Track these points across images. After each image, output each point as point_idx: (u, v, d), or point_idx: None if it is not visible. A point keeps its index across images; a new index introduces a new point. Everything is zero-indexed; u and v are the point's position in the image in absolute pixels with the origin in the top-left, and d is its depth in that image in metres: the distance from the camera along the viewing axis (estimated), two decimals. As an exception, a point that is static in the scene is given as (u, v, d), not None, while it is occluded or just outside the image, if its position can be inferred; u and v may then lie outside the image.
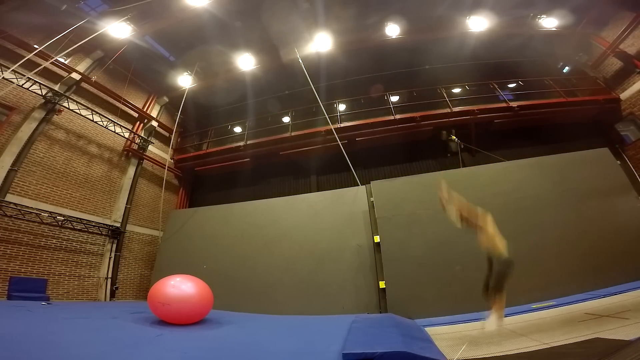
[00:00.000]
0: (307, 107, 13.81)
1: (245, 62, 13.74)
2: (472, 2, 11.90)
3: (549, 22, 12.53)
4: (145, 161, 13.36)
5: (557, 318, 5.23)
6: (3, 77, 8.64)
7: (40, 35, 9.99)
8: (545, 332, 4.41)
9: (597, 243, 7.49)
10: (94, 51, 12.01)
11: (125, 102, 12.86)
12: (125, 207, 11.87)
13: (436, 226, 8.45)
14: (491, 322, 3.88)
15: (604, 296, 6.10)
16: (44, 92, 9.79)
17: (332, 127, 11.63)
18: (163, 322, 5.16)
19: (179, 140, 15.92)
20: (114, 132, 12.00)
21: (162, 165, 13.54)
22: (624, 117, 11.47)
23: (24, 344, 3.46)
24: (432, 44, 13.23)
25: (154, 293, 5.26)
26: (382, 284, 8.27)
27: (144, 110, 13.91)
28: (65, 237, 9.73)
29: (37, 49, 9.37)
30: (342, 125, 12.81)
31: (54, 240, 9.43)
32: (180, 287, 5.33)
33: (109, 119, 11.73)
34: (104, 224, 10.85)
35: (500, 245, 4.13)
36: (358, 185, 10.44)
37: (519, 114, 12.03)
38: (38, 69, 9.31)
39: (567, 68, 14.24)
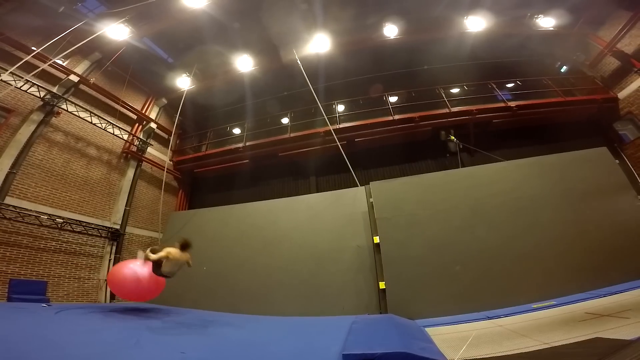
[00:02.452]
0: (306, 108, 13.82)
1: (244, 63, 13.73)
2: (470, 2, 11.92)
3: (547, 22, 12.57)
4: (144, 163, 13.33)
5: (557, 318, 5.23)
6: (1, 79, 8.62)
7: (38, 37, 9.95)
8: (546, 332, 4.40)
9: (597, 242, 7.51)
10: (92, 53, 11.97)
11: (124, 104, 12.83)
12: (125, 209, 11.84)
13: (436, 226, 8.47)
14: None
15: (604, 296, 6.10)
16: (42, 94, 9.76)
17: (331, 128, 11.63)
18: (163, 323, 5.15)
19: (177, 142, 15.90)
20: (113, 134, 11.98)
21: (161, 167, 13.52)
22: (622, 116, 11.50)
23: (24, 345, 3.45)
24: (430, 44, 13.25)
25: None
26: (382, 285, 8.27)
27: (143, 112, 13.89)
28: (65, 240, 9.70)
29: (35, 50, 9.34)
30: (341, 126, 12.82)
31: (54, 242, 9.40)
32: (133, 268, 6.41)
33: (108, 121, 11.71)
34: (103, 226, 10.83)
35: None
36: (357, 186, 10.44)
37: (518, 114, 12.06)
38: (36, 71, 9.28)
39: (565, 67, 14.27)
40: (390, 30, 12.85)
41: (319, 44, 12.81)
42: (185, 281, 10.63)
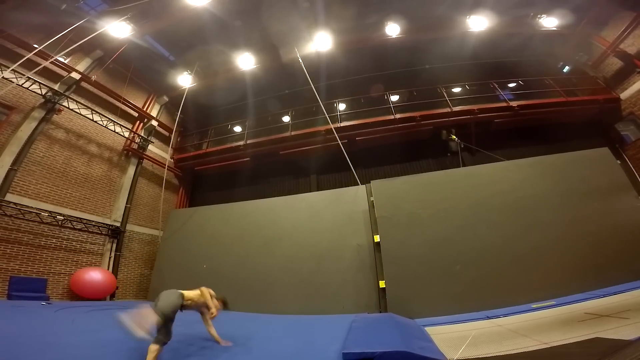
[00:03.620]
0: (307, 107, 13.81)
1: (245, 61, 13.73)
2: (472, 1, 11.89)
3: (549, 22, 12.52)
4: (145, 161, 13.35)
5: (557, 318, 5.23)
6: (3, 77, 8.63)
7: (40, 35, 9.96)
8: (545, 332, 4.40)
9: (597, 243, 7.49)
10: (94, 50, 12.00)
11: (125, 102, 12.85)
12: (125, 206, 11.87)
13: (436, 225, 8.46)
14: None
15: (604, 296, 6.09)
16: (43, 91, 9.78)
17: (332, 126, 11.62)
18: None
19: (178, 139, 15.93)
20: (114, 131, 12.00)
21: (162, 164, 13.53)
22: (624, 116, 11.46)
23: (23, 344, 3.46)
24: (432, 43, 13.21)
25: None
26: (382, 284, 8.27)
27: (144, 109, 13.90)
28: (65, 237, 9.73)
29: (36, 48, 9.35)
30: (342, 124, 12.81)
31: (54, 239, 9.43)
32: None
33: (109, 119, 11.73)
34: (104, 224, 10.85)
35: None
36: (358, 184, 10.44)
37: (519, 114, 12.03)
38: (38, 69, 9.29)
39: (567, 67, 14.23)
40: (392, 29, 12.82)
41: (320, 43, 12.79)
42: (185, 280, 10.68)
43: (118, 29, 11.06)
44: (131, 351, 3.66)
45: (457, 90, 13.48)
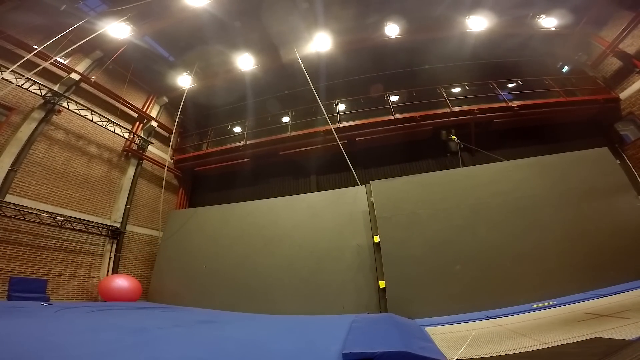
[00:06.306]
0: (306, 107, 13.81)
1: (245, 62, 13.74)
2: (472, 1, 11.90)
3: (549, 22, 12.54)
4: (144, 161, 13.35)
5: (556, 318, 5.23)
6: (2, 78, 8.63)
7: (40, 36, 9.98)
8: (545, 331, 4.40)
9: (597, 243, 7.49)
10: (94, 51, 12.00)
11: (125, 102, 12.85)
12: (125, 207, 11.86)
13: (436, 226, 8.46)
14: None
15: (604, 296, 6.09)
16: (43, 92, 9.78)
17: (331, 127, 11.63)
18: (162, 322, 5.16)
19: (178, 140, 15.93)
20: (114, 132, 12.00)
21: (161, 165, 13.54)
22: (623, 116, 11.47)
23: (23, 344, 3.46)
24: (431, 43, 13.23)
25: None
26: (382, 284, 8.27)
27: (144, 110, 13.90)
28: (65, 238, 9.73)
29: (36, 49, 9.36)
30: (341, 125, 12.81)
31: (54, 240, 9.42)
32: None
33: (109, 119, 11.73)
34: (103, 224, 10.85)
35: None
36: (358, 185, 10.44)
37: (519, 114, 12.04)
38: (37, 69, 9.30)
39: (566, 68, 14.24)
40: (392, 30, 12.83)
41: (319, 43, 12.81)
42: (185, 280, 10.69)
43: (118, 30, 11.07)
44: (131, 350, 3.65)
45: (456, 90, 13.48)
